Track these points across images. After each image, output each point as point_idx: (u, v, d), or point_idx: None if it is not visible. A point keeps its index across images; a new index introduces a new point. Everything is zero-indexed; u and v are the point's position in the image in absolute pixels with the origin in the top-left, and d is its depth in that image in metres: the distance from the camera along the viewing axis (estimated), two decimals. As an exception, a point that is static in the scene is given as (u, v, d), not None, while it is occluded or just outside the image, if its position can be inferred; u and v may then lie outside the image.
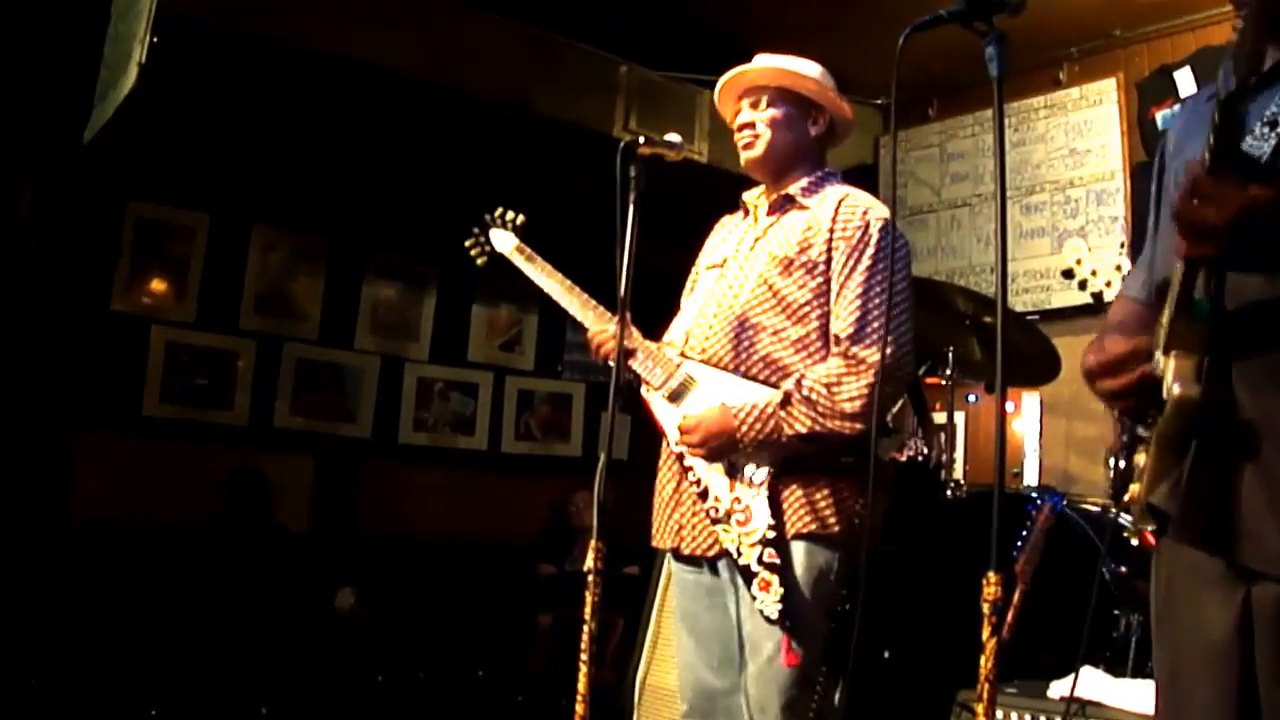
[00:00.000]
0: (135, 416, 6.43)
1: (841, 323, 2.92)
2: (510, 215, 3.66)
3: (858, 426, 2.85)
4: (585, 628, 2.75)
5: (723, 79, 3.21)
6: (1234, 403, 1.75)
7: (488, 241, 3.68)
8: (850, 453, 2.91)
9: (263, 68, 5.18)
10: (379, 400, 7.44)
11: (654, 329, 3.26)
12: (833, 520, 2.87)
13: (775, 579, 2.79)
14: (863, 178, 5.95)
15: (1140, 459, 1.90)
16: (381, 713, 6.06)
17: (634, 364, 3.15)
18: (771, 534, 2.82)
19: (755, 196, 3.23)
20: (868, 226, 2.96)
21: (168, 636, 5.60)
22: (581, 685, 2.74)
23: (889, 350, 2.83)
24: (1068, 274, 3.87)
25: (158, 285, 6.65)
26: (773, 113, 3.13)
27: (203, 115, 5.69)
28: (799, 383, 2.88)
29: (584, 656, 2.75)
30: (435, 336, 7.72)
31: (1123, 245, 5.54)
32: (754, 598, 2.80)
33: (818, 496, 2.88)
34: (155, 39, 4.49)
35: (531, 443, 8.09)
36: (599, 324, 3.21)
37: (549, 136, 5.82)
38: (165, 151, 6.07)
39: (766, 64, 3.15)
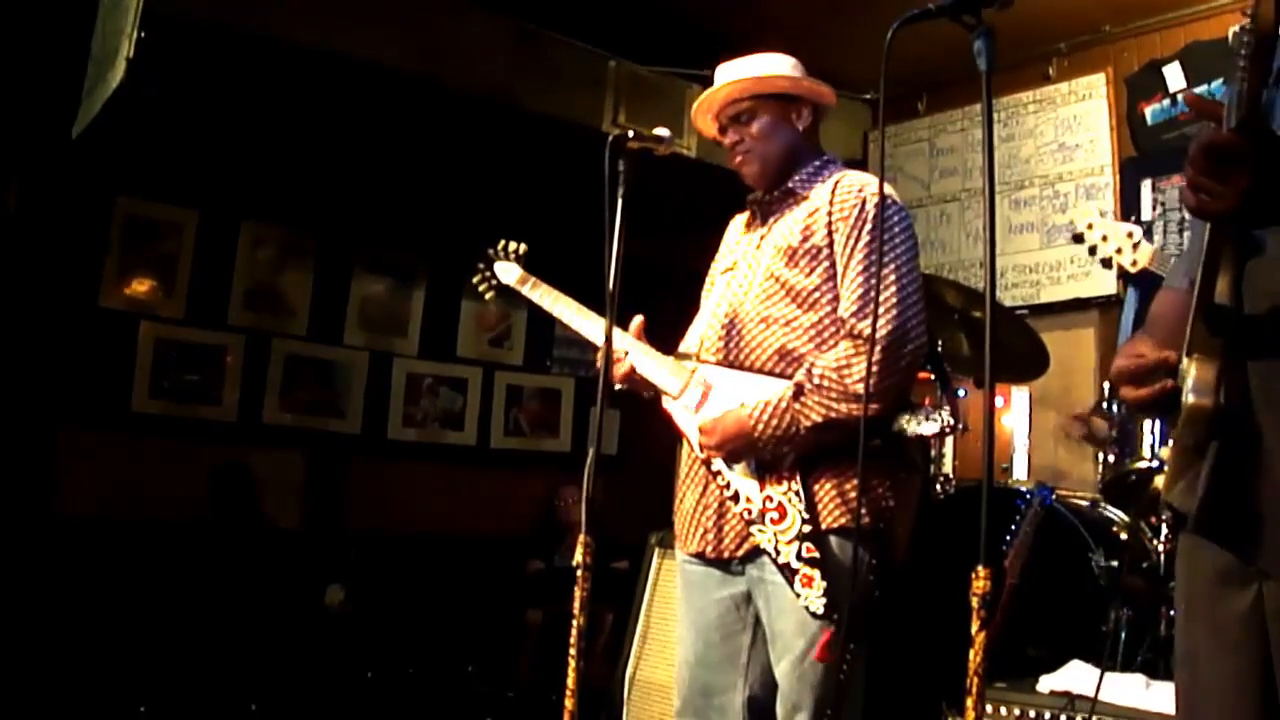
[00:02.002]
0: (124, 413, 6.41)
1: (846, 304, 2.90)
2: (512, 246, 3.69)
3: (874, 406, 2.80)
4: (574, 623, 2.75)
5: (696, 103, 3.21)
6: (1251, 405, 1.75)
7: (493, 275, 3.71)
8: (877, 435, 2.91)
9: (250, 63, 5.16)
10: (368, 396, 7.42)
11: (645, 324, 3.26)
12: (864, 512, 2.85)
13: (816, 574, 2.77)
14: (852, 172, 5.95)
15: (1166, 453, 1.92)
16: (371, 709, 6.06)
17: (649, 377, 3.15)
18: (808, 528, 2.81)
19: (759, 196, 3.21)
20: (863, 204, 2.94)
21: (157, 633, 5.59)
22: (570, 680, 2.74)
23: (891, 324, 2.81)
24: (1078, 238, 3.86)
25: (146, 281, 6.62)
26: (756, 126, 3.12)
27: (191, 111, 5.67)
28: (809, 372, 2.87)
29: (573, 652, 2.75)
30: (424, 332, 7.69)
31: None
32: (797, 595, 2.78)
33: (848, 488, 2.85)
34: (143, 34, 4.49)
35: (520, 438, 8.08)
36: (616, 344, 3.16)
37: (537, 132, 5.81)
38: (153, 147, 6.05)
39: (735, 77, 3.13)
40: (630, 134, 3.00)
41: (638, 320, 3.20)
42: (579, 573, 2.76)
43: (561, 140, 5.72)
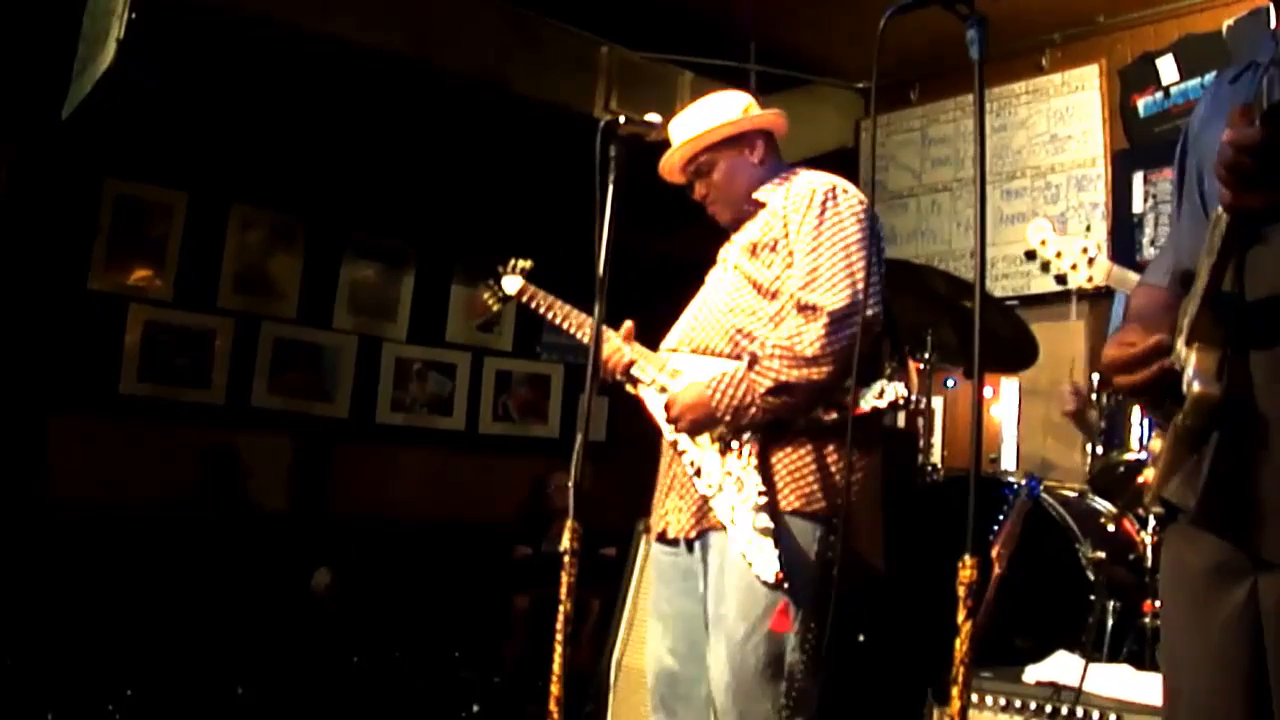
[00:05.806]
0: (112, 396, 6.40)
1: (795, 281, 3.01)
2: (521, 264, 3.84)
3: (824, 369, 2.89)
4: (561, 609, 2.76)
5: (660, 167, 3.33)
6: (1253, 394, 1.73)
7: (500, 288, 3.87)
8: (831, 408, 2.96)
9: (241, 45, 5.13)
10: (356, 380, 7.42)
11: (635, 314, 3.30)
12: (819, 495, 2.93)
13: (769, 542, 2.84)
14: (843, 161, 5.95)
15: (1156, 445, 1.88)
16: (358, 693, 6.06)
17: (634, 371, 3.29)
18: (763, 499, 2.88)
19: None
20: (812, 195, 3.06)
21: (144, 616, 5.58)
22: (557, 666, 2.75)
23: (841, 294, 2.92)
24: (1030, 255, 3.91)
25: (136, 264, 6.61)
26: (716, 174, 3.26)
27: (181, 92, 5.63)
28: (762, 344, 2.99)
29: (559, 638, 2.75)
30: (413, 317, 7.70)
31: (1088, 228, 5.50)
32: (750, 564, 2.83)
33: (805, 470, 2.94)
34: (133, 15, 4.46)
35: (509, 424, 8.09)
36: (608, 346, 3.30)
37: (528, 117, 5.79)
38: (143, 129, 6.02)
39: (685, 134, 3.25)
40: (621, 120, 3.05)
41: (627, 324, 3.32)
42: (566, 559, 2.78)
43: (553, 126, 5.70)
